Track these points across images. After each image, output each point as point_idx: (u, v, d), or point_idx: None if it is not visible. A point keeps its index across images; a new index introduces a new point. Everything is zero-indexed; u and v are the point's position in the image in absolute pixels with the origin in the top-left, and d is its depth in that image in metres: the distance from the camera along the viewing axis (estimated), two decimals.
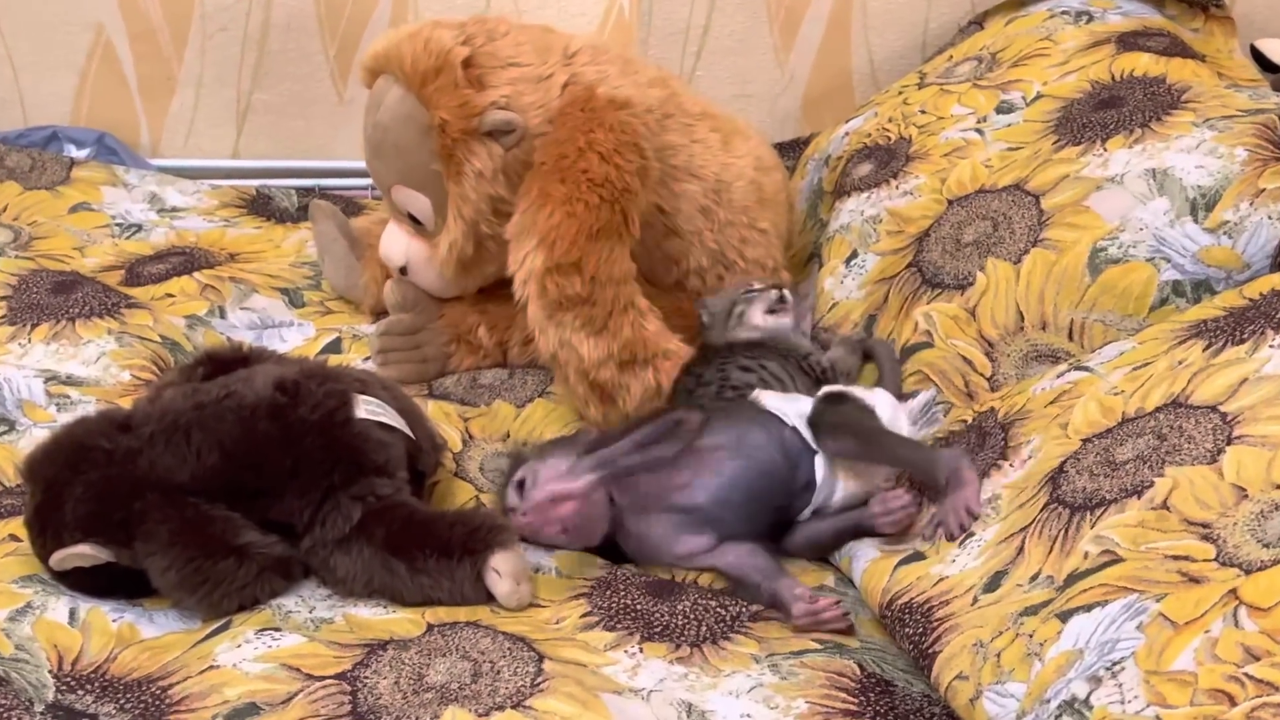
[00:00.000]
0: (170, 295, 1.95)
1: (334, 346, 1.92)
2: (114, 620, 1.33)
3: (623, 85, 1.75)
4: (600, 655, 1.28)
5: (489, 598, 1.33)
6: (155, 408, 1.38)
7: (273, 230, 2.21)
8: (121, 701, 1.20)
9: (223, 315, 1.93)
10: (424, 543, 1.31)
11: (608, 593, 1.37)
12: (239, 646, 1.26)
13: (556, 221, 1.64)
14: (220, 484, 1.34)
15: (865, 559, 1.37)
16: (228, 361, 1.49)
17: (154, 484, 1.33)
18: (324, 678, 1.21)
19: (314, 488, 1.36)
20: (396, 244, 1.88)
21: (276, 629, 1.29)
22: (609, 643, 1.30)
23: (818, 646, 1.31)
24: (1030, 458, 1.34)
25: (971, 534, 1.31)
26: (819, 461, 1.43)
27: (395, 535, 1.33)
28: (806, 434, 1.45)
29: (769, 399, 1.51)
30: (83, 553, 1.31)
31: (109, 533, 1.31)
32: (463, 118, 1.70)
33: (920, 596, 1.27)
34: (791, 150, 2.23)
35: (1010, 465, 1.36)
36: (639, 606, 1.35)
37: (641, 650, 1.29)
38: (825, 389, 1.52)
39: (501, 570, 1.32)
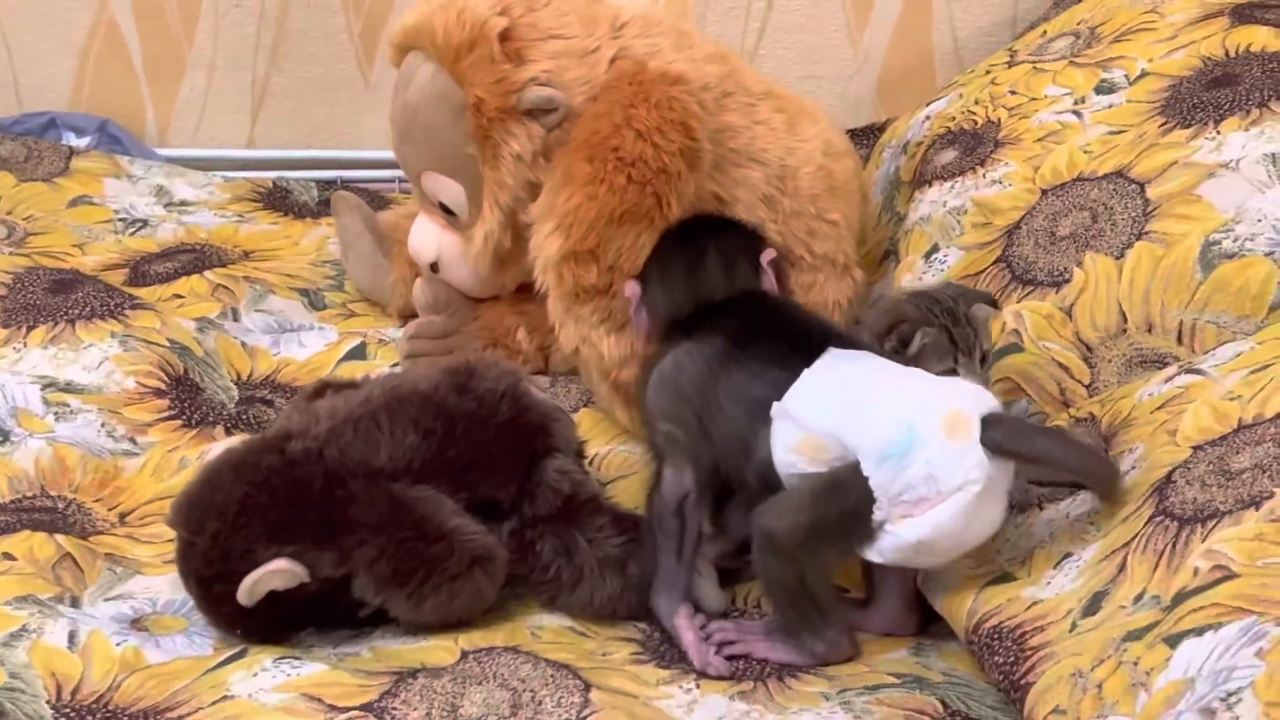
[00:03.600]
0: (179, 296, 1.97)
1: (358, 352, 1.92)
2: (118, 645, 1.33)
3: (677, 60, 1.75)
4: (653, 688, 1.28)
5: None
6: (312, 416, 1.41)
7: (291, 226, 2.22)
8: None
9: (236, 318, 1.94)
10: (633, 528, 1.41)
11: (657, 640, 1.39)
12: (255, 675, 1.27)
13: (576, 204, 1.65)
14: (423, 462, 1.38)
15: (945, 584, 1.37)
16: (345, 388, 1.54)
17: (351, 471, 1.36)
18: (349, 709, 1.21)
19: (519, 457, 1.42)
20: (427, 237, 1.88)
21: (297, 657, 1.29)
22: (663, 679, 1.31)
23: (895, 681, 1.31)
24: (1135, 468, 1.32)
25: (1069, 554, 1.30)
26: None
27: (591, 515, 1.43)
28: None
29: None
30: (279, 569, 1.31)
31: (310, 535, 1.33)
32: (500, 95, 1.72)
33: (1011, 621, 1.26)
34: (866, 137, 2.23)
35: None
36: None
37: (698, 686, 1.30)
38: None
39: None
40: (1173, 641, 1.10)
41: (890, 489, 1.25)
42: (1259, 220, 1.54)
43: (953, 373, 1.47)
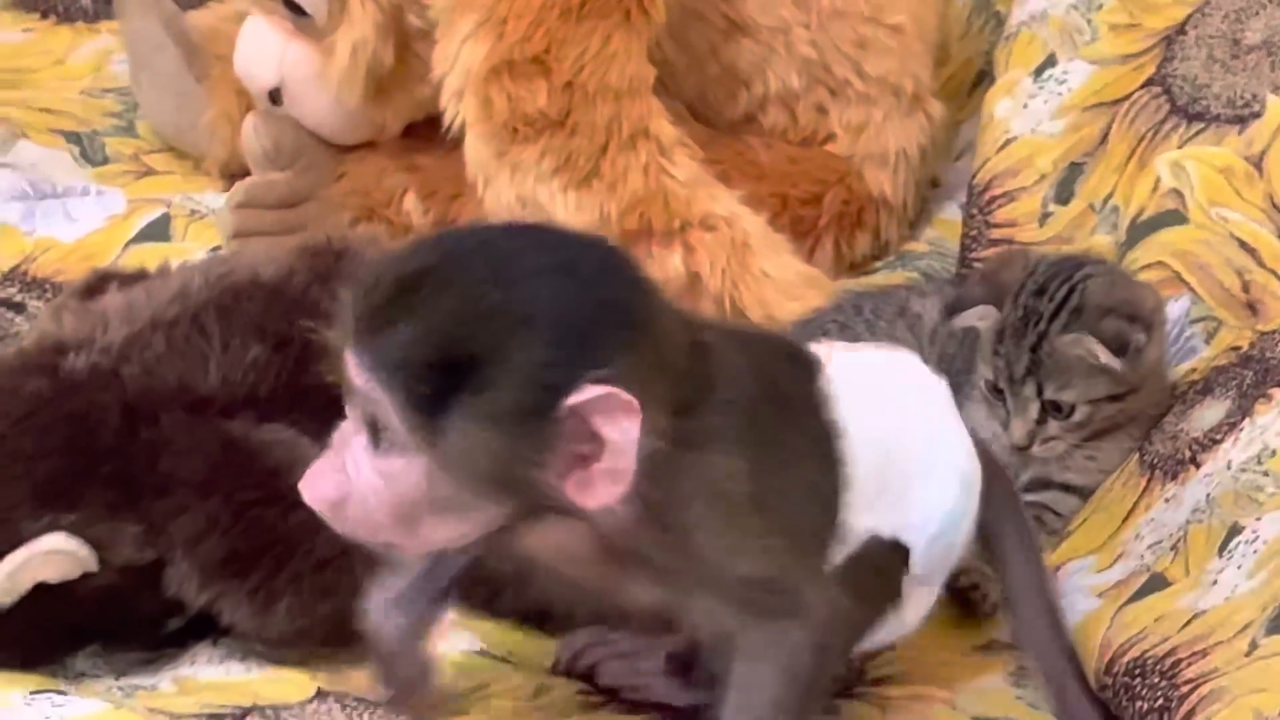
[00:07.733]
0: None
1: (158, 229, 1.66)
2: None
3: None
4: None
5: None
6: (96, 319, 1.25)
7: (53, 34, 1.95)
8: None
9: None
10: None
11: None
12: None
13: None
14: (272, 389, 1.22)
15: (1080, 610, 1.19)
16: (137, 280, 1.34)
17: (163, 401, 1.20)
18: None
19: None
20: (265, 50, 1.63)
21: (61, 691, 1.10)
22: None
23: None
24: None
25: (1236, 526, 1.15)
26: None
27: None
28: None
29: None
30: (54, 549, 1.15)
31: (100, 497, 1.16)
32: None
33: (1160, 648, 1.10)
34: None
35: None
36: None
37: None
38: None
39: None
40: None
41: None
42: None
43: (998, 392, 1.31)
